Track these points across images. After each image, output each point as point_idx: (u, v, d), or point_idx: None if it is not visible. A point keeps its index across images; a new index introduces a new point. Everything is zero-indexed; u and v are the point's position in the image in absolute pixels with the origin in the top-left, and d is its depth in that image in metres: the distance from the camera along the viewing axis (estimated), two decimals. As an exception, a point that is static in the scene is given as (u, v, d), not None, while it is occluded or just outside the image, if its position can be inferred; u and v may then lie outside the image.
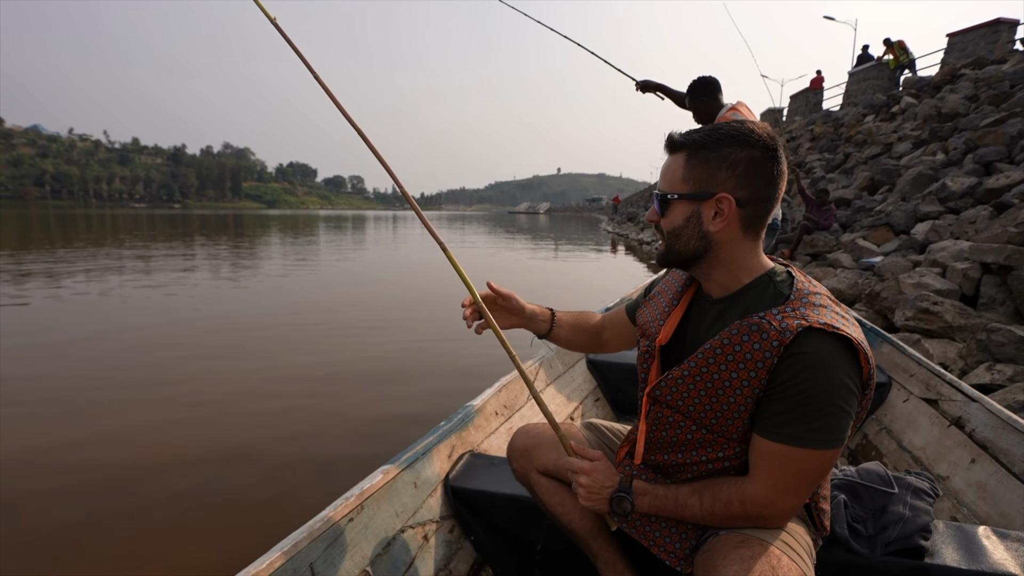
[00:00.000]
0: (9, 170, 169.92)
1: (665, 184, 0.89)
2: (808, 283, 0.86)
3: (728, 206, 0.84)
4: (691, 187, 0.86)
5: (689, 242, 0.87)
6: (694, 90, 2.69)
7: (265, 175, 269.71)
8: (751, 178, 0.83)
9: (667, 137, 0.90)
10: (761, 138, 0.83)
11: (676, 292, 1.01)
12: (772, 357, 0.79)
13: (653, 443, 0.95)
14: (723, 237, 0.86)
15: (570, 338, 1.23)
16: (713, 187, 0.84)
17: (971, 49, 13.33)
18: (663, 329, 0.97)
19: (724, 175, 0.84)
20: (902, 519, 0.96)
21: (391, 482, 1.22)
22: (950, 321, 3.69)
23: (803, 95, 20.54)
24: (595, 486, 0.95)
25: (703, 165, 0.85)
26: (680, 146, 0.88)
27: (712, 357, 0.84)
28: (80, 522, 2.07)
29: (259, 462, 2.55)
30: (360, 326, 5.43)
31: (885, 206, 7.32)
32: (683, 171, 0.86)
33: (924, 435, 1.69)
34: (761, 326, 0.80)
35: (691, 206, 0.86)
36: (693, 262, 0.90)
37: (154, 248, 13.95)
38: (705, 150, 0.85)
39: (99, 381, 3.65)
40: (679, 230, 0.88)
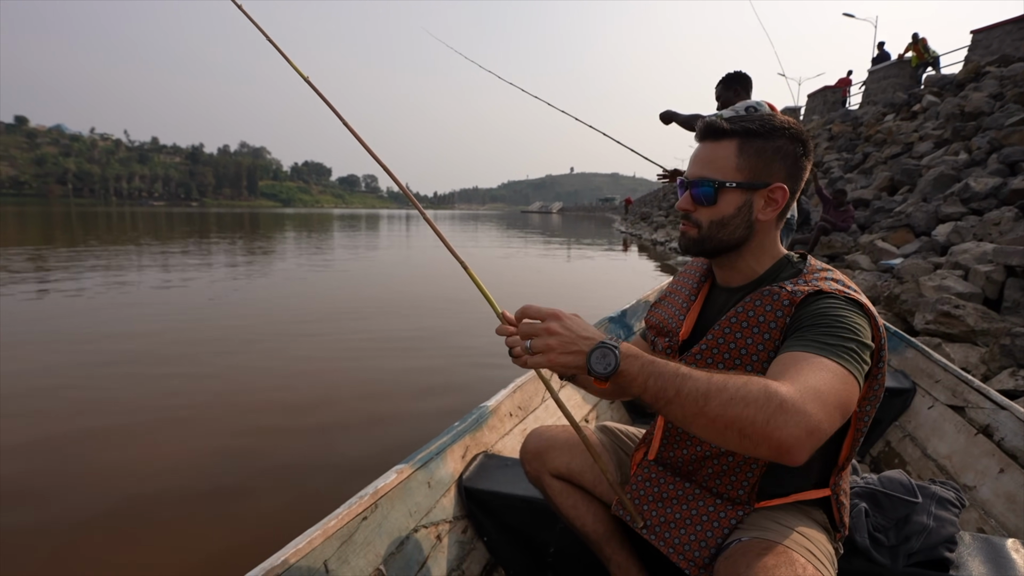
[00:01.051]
0: (33, 168, 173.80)
1: (713, 171, 0.86)
2: (821, 264, 0.90)
3: (782, 196, 0.86)
4: (746, 176, 0.85)
5: (736, 231, 0.88)
6: (731, 80, 2.72)
7: (280, 174, 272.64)
8: (797, 172, 0.87)
9: (707, 123, 0.87)
10: (805, 137, 0.87)
11: (692, 288, 1.01)
12: (784, 316, 0.81)
13: (672, 435, 0.94)
14: (764, 226, 0.88)
15: None
16: (768, 177, 0.86)
17: (996, 46, 13.01)
18: (684, 324, 0.97)
19: (778, 166, 0.85)
20: (926, 529, 0.93)
21: (405, 481, 1.22)
22: (972, 325, 3.61)
23: (821, 94, 20.23)
24: (570, 334, 0.75)
25: (760, 154, 0.85)
26: (730, 133, 0.86)
27: (728, 327, 0.86)
28: (99, 515, 2.11)
29: (274, 460, 2.58)
30: (382, 326, 5.46)
31: (905, 207, 7.18)
32: (737, 159, 0.85)
33: (950, 443, 1.65)
34: (772, 291, 0.83)
35: (744, 195, 0.86)
36: (732, 249, 0.90)
37: (177, 246, 14.17)
38: (760, 139, 0.85)
39: (112, 376, 3.72)
40: (728, 219, 0.87)
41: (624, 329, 2.55)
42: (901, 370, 2.06)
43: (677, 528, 0.92)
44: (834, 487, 0.89)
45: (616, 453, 1.15)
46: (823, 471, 0.90)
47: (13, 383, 3.51)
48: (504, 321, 1.02)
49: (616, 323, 2.52)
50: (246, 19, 1.28)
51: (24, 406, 3.15)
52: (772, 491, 0.90)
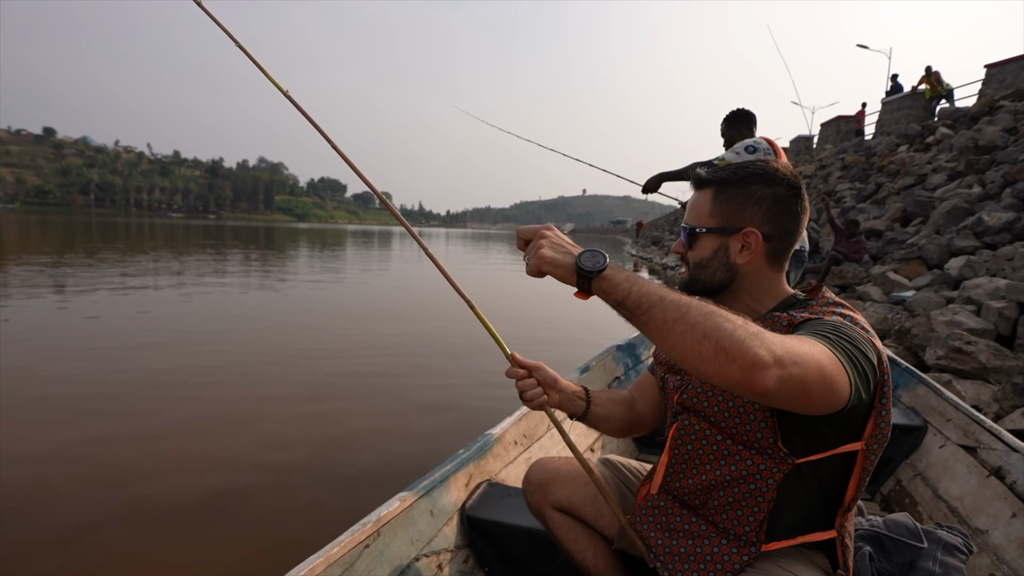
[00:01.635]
0: (58, 178, 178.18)
1: (693, 218, 0.94)
2: (833, 298, 0.90)
3: (755, 240, 0.88)
4: (719, 221, 0.90)
5: (715, 273, 0.92)
6: (733, 119, 2.77)
7: (297, 189, 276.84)
8: (776, 214, 0.89)
9: (693, 175, 0.95)
10: (785, 177, 0.89)
11: None
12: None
13: (678, 463, 0.95)
14: (748, 269, 0.91)
15: (607, 414, 1.13)
16: (740, 222, 0.89)
17: (1010, 80, 13.03)
18: None
19: (751, 211, 0.89)
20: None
21: (408, 509, 1.23)
22: (984, 362, 3.56)
23: (834, 123, 20.29)
24: (560, 240, 0.81)
25: (731, 201, 0.90)
26: (708, 183, 0.92)
27: None
28: (91, 527, 2.13)
29: (282, 478, 2.59)
30: (396, 341, 5.49)
31: (918, 239, 7.14)
32: (711, 206, 0.91)
33: (961, 484, 1.62)
34: (778, 317, 0.85)
35: (719, 240, 0.91)
36: (717, 292, 0.94)
37: (202, 257, 14.40)
38: (732, 187, 0.90)
39: (128, 384, 3.77)
40: (706, 262, 0.92)
41: (632, 358, 2.55)
42: (912, 407, 2.04)
43: (682, 563, 0.92)
44: (840, 528, 0.89)
45: (618, 488, 1.16)
46: (829, 511, 0.90)
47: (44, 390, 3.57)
48: (514, 363, 1.05)
49: (624, 351, 2.52)
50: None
51: (33, 413, 3.20)
52: (778, 531, 0.90)
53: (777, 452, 0.84)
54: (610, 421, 1.14)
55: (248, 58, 1.16)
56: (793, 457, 0.84)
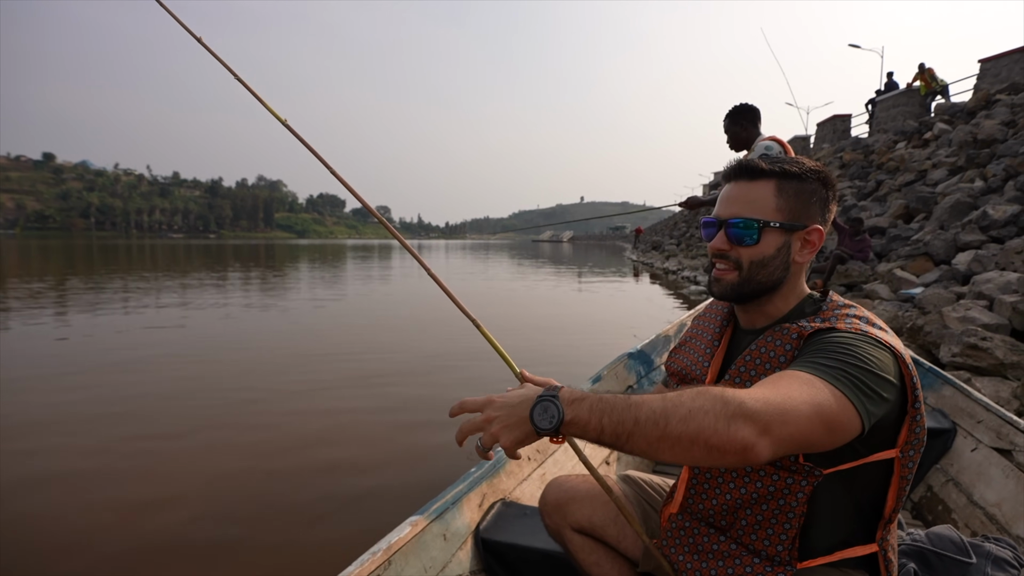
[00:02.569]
0: (58, 203, 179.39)
1: (752, 211, 0.86)
2: (842, 300, 0.88)
3: (819, 238, 0.87)
4: (786, 216, 0.86)
5: (775, 272, 0.87)
6: (736, 115, 2.75)
7: (296, 206, 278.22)
8: (828, 214, 0.89)
9: (742, 163, 0.88)
10: (833, 180, 0.89)
11: (714, 332, 1.00)
12: (792, 350, 0.79)
13: (699, 483, 0.91)
14: (798, 268, 0.89)
15: None
16: (807, 219, 0.87)
17: (1005, 74, 13.05)
18: (708, 371, 0.95)
19: (815, 208, 0.87)
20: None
21: (420, 535, 1.17)
22: (1001, 358, 3.49)
23: (830, 122, 20.34)
24: (508, 404, 0.71)
25: (798, 196, 0.86)
26: (767, 174, 0.87)
27: (744, 366, 0.85)
28: (84, 562, 2.06)
29: (287, 501, 2.52)
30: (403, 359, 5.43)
31: (923, 235, 7.09)
32: (776, 200, 0.86)
33: (998, 490, 1.54)
34: (788, 329, 0.82)
35: (784, 236, 0.86)
36: (768, 291, 0.89)
37: (199, 277, 14.39)
38: (797, 181, 0.86)
39: (129, 408, 3.71)
40: (768, 260, 0.86)
41: (644, 365, 2.49)
42: (939, 409, 1.95)
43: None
44: (881, 542, 0.83)
45: (640, 506, 1.10)
46: (868, 524, 0.84)
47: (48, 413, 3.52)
48: (523, 381, 0.97)
49: (636, 359, 2.46)
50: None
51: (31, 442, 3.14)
52: (814, 548, 0.84)
53: (801, 467, 0.79)
54: None
55: (248, 91, 1.22)
56: (820, 469, 0.78)
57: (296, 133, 1.18)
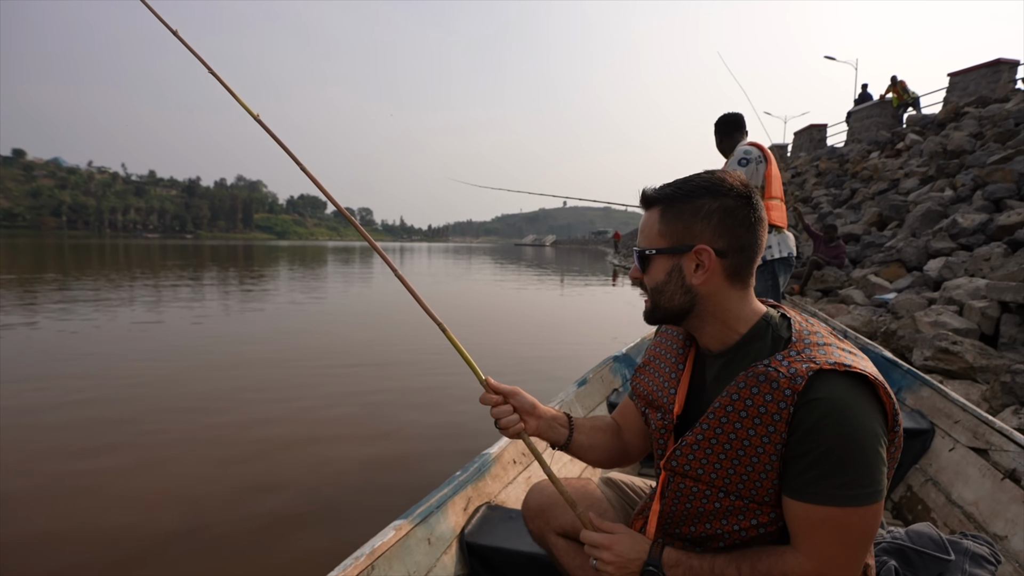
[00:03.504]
0: (28, 200, 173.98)
1: (643, 240, 0.88)
2: (805, 322, 0.84)
3: (708, 257, 0.82)
4: (668, 241, 0.85)
5: (674, 297, 0.86)
6: (721, 125, 2.78)
7: (276, 207, 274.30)
8: (728, 227, 0.82)
9: (641, 193, 0.90)
10: (733, 187, 0.83)
11: (677, 353, 0.96)
12: (787, 407, 0.74)
13: (674, 517, 0.88)
14: (708, 289, 0.84)
15: (592, 442, 1.06)
16: (690, 239, 0.83)
17: (973, 88, 13.53)
18: (676, 398, 0.92)
19: (700, 226, 0.83)
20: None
21: (404, 539, 1.16)
22: (971, 362, 3.60)
23: (807, 131, 20.82)
24: (620, 560, 0.86)
25: (678, 218, 0.84)
26: (654, 201, 0.87)
27: (724, 416, 0.79)
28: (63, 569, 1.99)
29: (268, 508, 2.47)
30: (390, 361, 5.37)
31: (895, 242, 7.28)
32: (659, 226, 0.86)
33: (975, 488, 1.57)
34: (768, 375, 0.76)
35: (671, 260, 0.85)
36: (682, 317, 0.87)
37: (167, 279, 14.06)
38: (678, 203, 0.84)
39: (111, 411, 3.60)
40: (662, 286, 0.86)
41: (630, 368, 2.50)
42: (918, 409, 1.99)
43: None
44: None
45: (623, 509, 1.10)
46: None
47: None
48: (488, 389, 0.99)
49: (621, 362, 2.48)
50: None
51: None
52: None
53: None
54: (595, 450, 1.07)
55: (222, 85, 1.19)
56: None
57: (269, 129, 1.15)
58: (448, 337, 0.99)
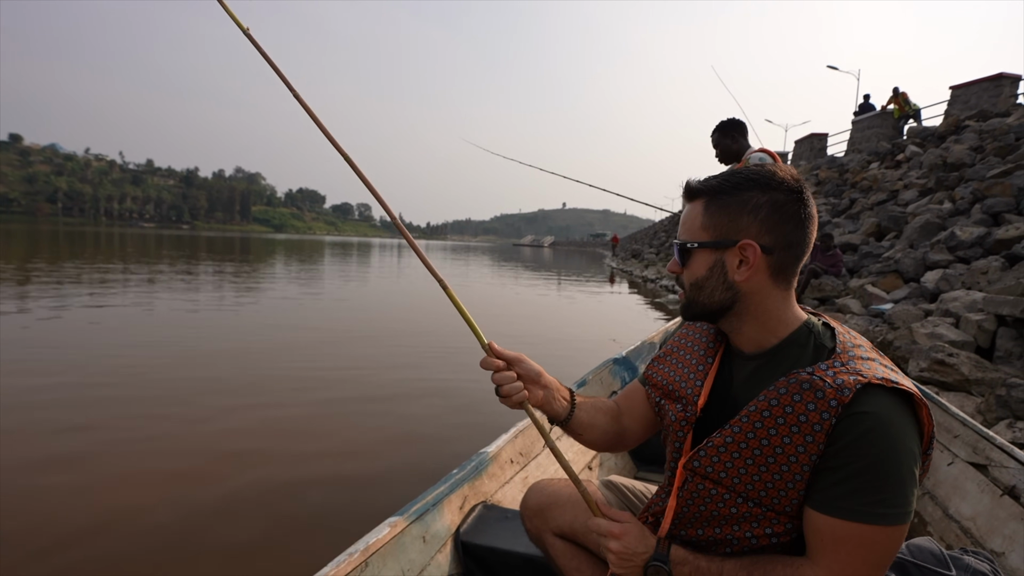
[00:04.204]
0: (23, 186, 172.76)
1: (685, 233, 0.85)
2: (848, 334, 0.81)
3: (753, 253, 0.78)
4: (712, 235, 0.81)
5: (713, 294, 0.82)
6: (726, 127, 2.74)
7: (274, 200, 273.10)
8: (776, 222, 0.79)
9: (684, 185, 0.87)
10: (784, 180, 0.79)
11: (706, 347, 0.93)
12: (830, 418, 0.71)
13: (685, 518, 0.86)
14: (751, 287, 0.80)
15: (592, 421, 1.04)
16: (735, 234, 0.80)
17: (974, 102, 13.58)
18: (701, 391, 0.89)
19: (746, 220, 0.79)
20: None
21: (398, 536, 1.14)
22: (967, 374, 3.61)
23: (808, 140, 20.87)
24: (627, 551, 0.85)
25: (723, 211, 0.81)
26: (698, 193, 0.84)
27: (759, 420, 0.76)
28: (63, 558, 1.97)
29: (260, 508, 2.45)
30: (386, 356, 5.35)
31: (893, 253, 7.30)
32: (702, 218, 0.82)
33: (973, 504, 1.56)
34: (813, 383, 0.73)
35: (713, 255, 0.82)
36: (720, 315, 0.84)
37: (163, 269, 13.98)
38: (724, 195, 0.81)
39: (106, 400, 3.58)
40: (702, 281, 0.83)
41: (629, 371, 2.49)
42: None
43: None
44: None
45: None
46: None
47: None
48: (490, 353, 0.95)
49: (620, 365, 2.47)
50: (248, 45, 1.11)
51: None
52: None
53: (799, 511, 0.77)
54: (594, 430, 1.03)
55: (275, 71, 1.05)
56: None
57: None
58: (449, 295, 0.95)
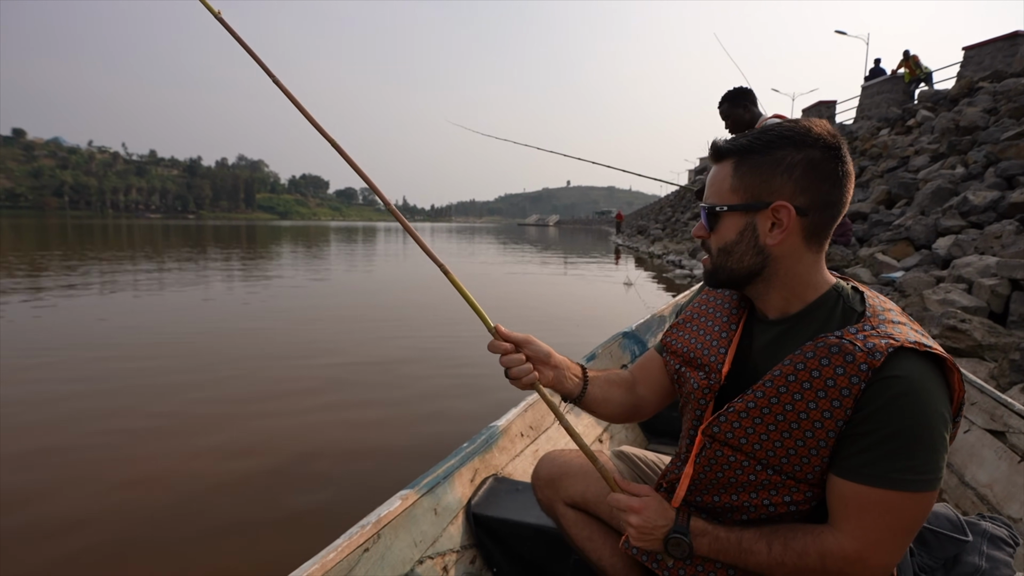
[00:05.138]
0: (30, 181, 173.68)
1: (712, 196, 0.80)
2: (878, 299, 0.78)
3: (787, 215, 0.74)
4: (743, 197, 0.77)
5: (743, 259, 0.78)
6: (737, 96, 2.65)
7: (278, 187, 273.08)
8: (812, 182, 0.74)
9: (711, 145, 0.82)
10: (821, 136, 0.74)
11: (729, 314, 0.90)
12: (860, 382, 0.68)
13: (700, 484, 0.85)
14: (783, 251, 0.77)
15: (606, 396, 1.01)
16: (768, 196, 0.75)
17: (988, 62, 13.19)
18: (725, 358, 0.86)
19: (780, 181, 0.74)
20: (978, 571, 0.85)
21: (410, 508, 1.15)
22: (979, 339, 3.57)
23: (815, 108, 20.46)
24: (647, 525, 0.83)
25: (755, 171, 0.76)
26: (727, 153, 0.79)
27: (784, 385, 0.73)
28: (82, 538, 2.01)
29: (278, 480, 2.49)
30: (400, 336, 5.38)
31: (904, 220, 7.19)
32: (732, 180, 0.78)
33: (990, 471, 1.55)
34: (843, 347, 0.70)
35: (744, 218, 0.77)
36: (748, 281, 0.80)
37: (172, 260, 14.07)
38: (756, 154, 0.76)
39: (115, 390, 3.63)
40: (731, 246, 0.79)
41: (639, 345, 2.48)
42: None
43: (707, 572, 0.84)
44: None
45: (635, 482, 1.08)
46: None
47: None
48: (497, 336, 0.93)
49: (630, 338, 2.46)
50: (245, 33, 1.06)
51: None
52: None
53: (820, 480, 0.76)
54: (608, 404, 1.01)
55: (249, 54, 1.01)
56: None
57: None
58: (451, 280, 0.93)
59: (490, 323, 0.92)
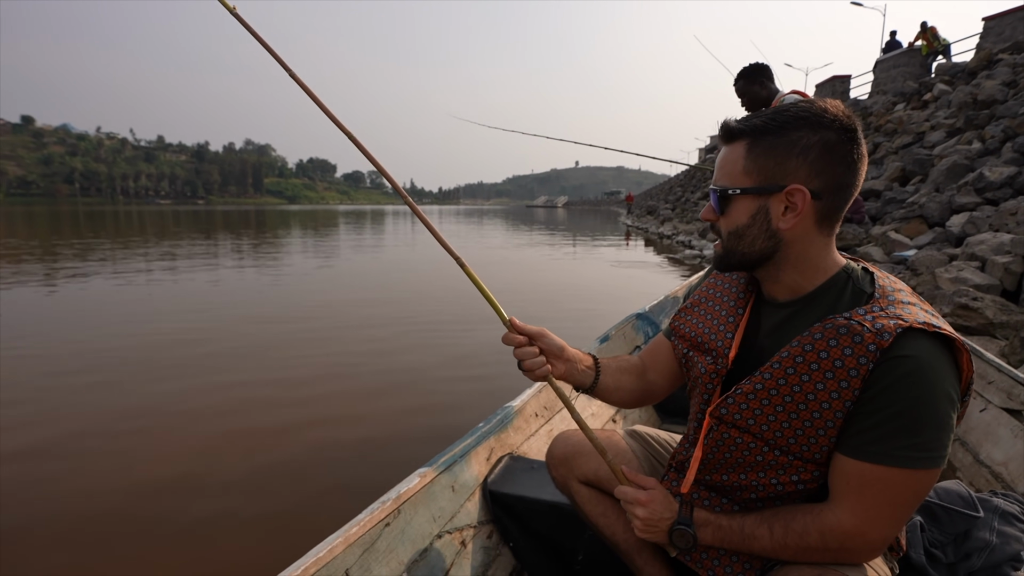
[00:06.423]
0: (40, 168, 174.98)
1: (723, 178, 0.79)
2: (888, 279, 0.78)
3: (802, 199, 0.73)
4: (755, 180, 0.76)
5: (755, 242, 0.78)
6: (753, 73, 2.60)
7: (286, 171, 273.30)
8: (827, 164, 0.73)
9: (722, 125, 0.80)
10: (837, 117, 0.73)
11: (736, 298, 0.90)
12: (868, 363, 0.68)
13: (711, 464, 0.86)
14: (795, 234, 0.76)
15: (617, 384, 1.04)
16: (782, 178, 0.74)
17: (1009, 33, 12.79)
18: (732, 343, 0.86)
19: (795, 163, 0.73)
20: (988, 546, 0.87)
21: (428, 485, 1.19)
22: (991, 318, 3.55)
23: (829, 83, 20.00)
24: (652, 518, 0.86)
25: (769, 153, 0.75)
26: (739, 134, 0.77)
27: (791, 367, 0.74)
28: (94, 524, 2.09)
29: (295, 465, 2.56)
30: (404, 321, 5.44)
31: (918, 197, 7.07)
32: (745, 162, 0.76)
33: (1005, 449, 1.55)
34: (851, 328, 0.70)
35: (757, 201, 0.76)
36: (758, 264, 0.81)
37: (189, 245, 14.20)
38: (770, 136, 0.74)
39: (127, 370, 3.72)
40: (743, 229, 0.78)
41: (652, 327, 2.49)
42: None
43: (717, 552, 0.86)
44: None
45: (648, 461, 1.11)
46: None
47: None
48: (512, 329, 0.95)
49: (643, 320, 2.47)
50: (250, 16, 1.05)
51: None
52: None
53: (827, 458, 0.77)
54: (620, 391, 1.04)
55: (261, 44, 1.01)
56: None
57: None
58: (467, 272, 0.94)
59: (505, 316, 0.95)
